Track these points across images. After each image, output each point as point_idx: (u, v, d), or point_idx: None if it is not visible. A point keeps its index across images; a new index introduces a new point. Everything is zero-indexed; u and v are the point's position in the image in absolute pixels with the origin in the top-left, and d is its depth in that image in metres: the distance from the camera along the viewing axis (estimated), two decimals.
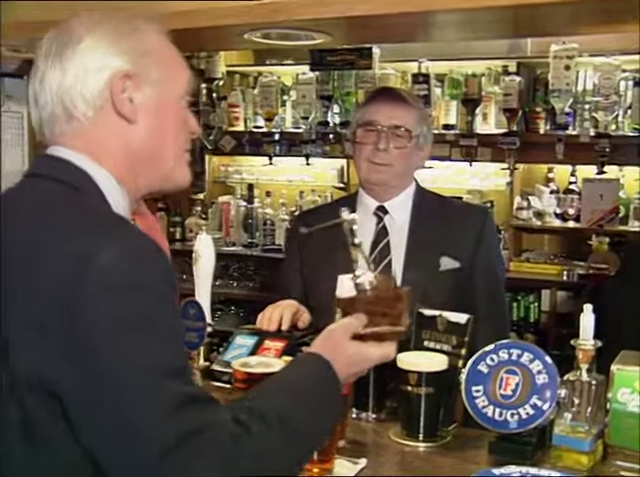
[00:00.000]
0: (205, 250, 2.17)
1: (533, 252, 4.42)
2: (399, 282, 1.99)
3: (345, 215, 1.42)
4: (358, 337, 1.36)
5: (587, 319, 1.57)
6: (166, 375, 1.07)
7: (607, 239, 4.04)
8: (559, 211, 4.32)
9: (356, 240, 1.43)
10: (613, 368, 1.55)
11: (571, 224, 4.28)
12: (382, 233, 2.26)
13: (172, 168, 1.31)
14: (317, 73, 4.47)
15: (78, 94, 1.22)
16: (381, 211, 2.29)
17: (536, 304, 4.21)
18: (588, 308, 1.57)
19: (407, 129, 2.22)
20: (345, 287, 1.47)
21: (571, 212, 4.26)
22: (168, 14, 1.89)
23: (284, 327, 2.10)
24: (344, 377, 1.32)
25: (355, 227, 1.42)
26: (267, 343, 2.08)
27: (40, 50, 1.25)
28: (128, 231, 1.16)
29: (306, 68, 4.41)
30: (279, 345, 2.05)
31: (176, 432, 1.03)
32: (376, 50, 4.24)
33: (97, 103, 1.22)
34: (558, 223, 4.34)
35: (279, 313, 2.11)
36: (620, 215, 4.09)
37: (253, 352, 2.06)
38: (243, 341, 2.12)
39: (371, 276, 1.43)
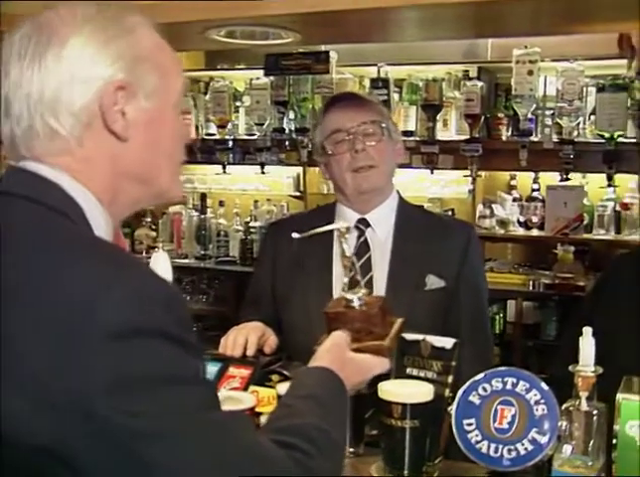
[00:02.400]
0: (162, 269, 2.01)
1: (496, 262, 4.35)
2: None
3: (340, 223, 1.41)
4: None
5: (587, 343, 1.44)
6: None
7: (572, 248, 3.98)
8: (522, 219, 4.26)
9: (347, 252, 1.39)
10: (619, 397, 1.42)
11: (535, 232, 4.22)
12: (363, 247, 2.13)
13: (168, 184, 1.17)
14: (271, 78, 4.34)
15: (62, 108, 1.05)
16: (362, 223, 2.15)
17: (501, 315, 4.14)
18: (588, 331, 1.44)
19: (376, 121, 2.11)
20: None
21: (535, 220, 4.20)
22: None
23: (250, 352, 1.95)
24: (351, 385, 1.36)
25: (348, 236, 1.40)
26: (232, 370, 1.92)
27: (10, 47, 1.07)
28: (137, 269, 1.01)
29: (260, 72, 4.29)
30: (245, 372, 1.90)
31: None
32: (332, 54, 4.12)
33: (84, 119, 1.06)
34: (521, 231, 4.28)
35: (244, 337, 1.96)
36: (585, 222, 4.04)
37: (217, 379, 1.91)
38: (207, 368, 1.96)
39: (361, 293, 1.43)
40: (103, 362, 0.91)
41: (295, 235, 1.64)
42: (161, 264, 1.99)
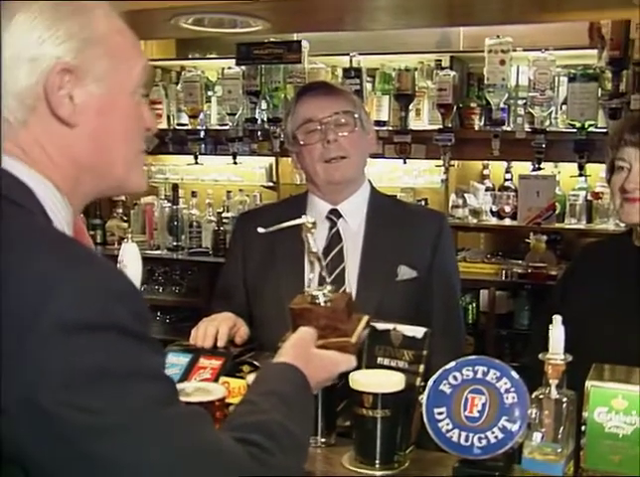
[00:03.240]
0: (131, 260, 1.99)
1: (469, 251, 4.36)
2: (354, 293, 1.89)
3: (306, 218, 1.39)
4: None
5: (557, 331, 1.45)
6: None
7: (545, 237, 4.00)
8: (494, 208, 4.27)
9: (313, 248, 1.38)
10: (588, 384, 1.43)
11: (508, 221, 4.23)
12: (335, 238, 2.12)
13: (124, 175, 1.12)
14: (243, 67, 4.32)
15: (6, 89, 1.00)
16: (334, 214, 2.14)
17: (474, 304, 4.15)
18: (557, 320, 1.45)
19: (348, 111, 2.10)
20: None
21: (507, 209, 4.21)
22: None
23: (220, 343, 1.94)
24: (316, 382, 1.34)
25: (314, 231, 1.38)
26: (202, 361, 1.91)
27: None
28: (92, 262, 0.98)
29: (232, 62, 4.26)
30: (216, 363, 1.89)
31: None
32: (305, 43, 4.12)
33: (29, 102, 1.01)
34: (494, 220, 4.29)
35: (215, 328, 1.95)
36: (557, 212, 4.06)
37: (188, 371, 1.90)
38: (176, 359, 1.95)
39: (326, 289, 1.42)
40: (54, 356, 0.89)
41: (261, 230, 1.61)
42: (130, 256, 1.97)
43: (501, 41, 3.80)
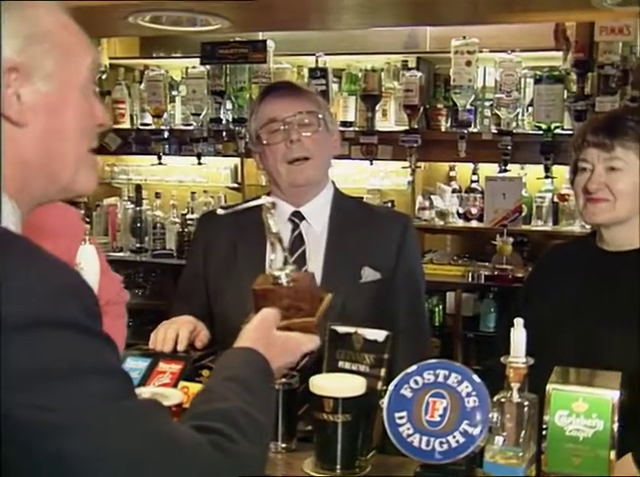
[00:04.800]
0: (88, 262, 1.97)
1: (436, 253, 4.38)
2: None
3: (265, 198, 1.40)
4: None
5: (519, 334, 1.45)
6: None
7: (511, 240, 4.03)
8: (461, 210, 4.30)
9: (274, 228, 1.39)
10: (549, 387, 1.44)
11: (474, 223, 4.26)
12: (297, 241, 2.10)
13: (74, 174, 1.09)
14: (208, 67, 4.30)
15: None
16: (296, 217, 2.13)
17: (440, 307, 4.17)
18: (519, 322, 1.45)
19: (312, 111, 2.09)
20: None
21: (474, 211, 4.24)
22: None
23: (180, 347, 1.92)
24: (278, 366, 1.33)
25: (274, 211, 1.40)
26: (162, 365, 1.89)
27: None
28: (42, 260, 0.96)
29: (196, 61, 4.24)
30: (175, 367, 1.87)
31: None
32: (270, 43, 4.11)
33: None
34: (460, 222, 4.32)
35: (175, 331, 1.93)
36: (523, 214, 4.09)
37: (146, 375, 1.87)
38: (135, 364, 1.92)
39: (288, 269, 1.43)
40: (6, 355, 0.88)
41: (220, 211, 1.61)
42: (87, 257, 1.94)
43: (467, 42, 3.83)
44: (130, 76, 4.78)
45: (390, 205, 4.33)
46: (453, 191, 4.35)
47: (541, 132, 3.82)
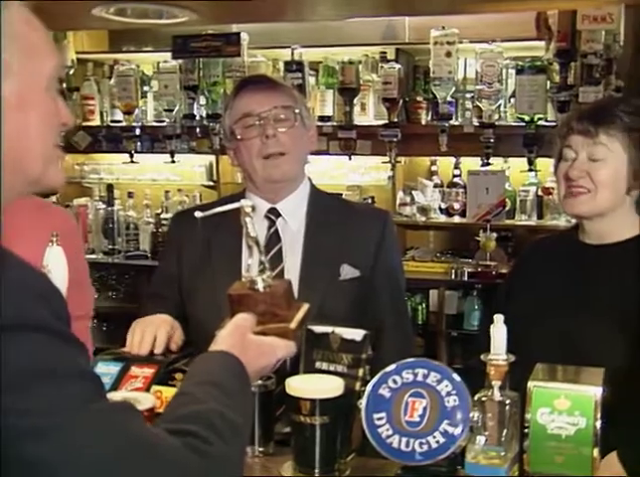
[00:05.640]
0: (56, 265, 1.96)
1: (418, 250, 4.39)
2: (295, 294, 1.90)
3: (245, 201, 1.44)
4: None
5: (499, 331, 1.46)
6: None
7: (495, 235, 4.04)
8: (443, 205, 4.31)
9: (252, 232, 1.43)
10: (530, 385, 1.45)
11: (457, 219, 4.28)
12: (273, 238, 2.12)
13: (42, 171, 1.12)
14: (180, 61, 4.28)
15: None
16: (272, 213, 2.14)
17: (423, 305, 4.18)
18: (499, 319, 1.47)
19: (288, 106, 2.11)
20: None
21: (457, 206, 4.25)
22: None
23: (158, 350, 1.92)
24: (254, 370, 1.35)
25: (253, 214, 1.44)
26: (134, 370, 1.89)
27: None
28: (9, 262, 0.99)
29: (168, 55, 4.23)
30: (148, 371, 1.87)
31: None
32: (244, 35, 4.11)
33: None
34: (443, 218, 4.33)
35: (152, 334, 1.93)
36: (507, 208, 4.11)
37: (118, 380, 1.87)
38: (107, 368, 1.92)
39: (265, 275, 1.47)
40: None
41: (198, 213, 1.61)
42: (55, 260, 1.93)
43: (447, 32, 3.84)
44: (99, 71, 4.75)
45: (370, 201, 4.33)
46: (435, 186, 4.36)
47: (523, 124, 3.83)
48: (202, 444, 1.09)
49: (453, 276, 4.08)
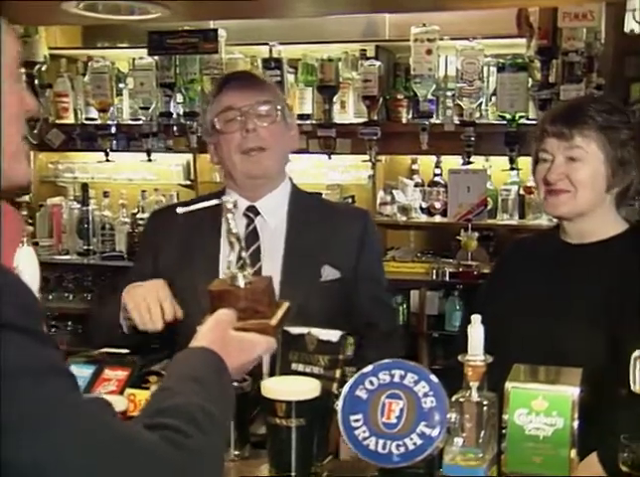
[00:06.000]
0: (27, 265, 1.95)
1: (399, 250, 4.41)
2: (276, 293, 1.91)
3: (227, 197, 1.50)
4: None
5: (476, 331, 1.47)
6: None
7: (476, 234, 4.06)
8: (424, 205, 4.33)
9: (234, 229, 1.46)
10: (508, 386, 1.46)
11: (438, 218, 4.30)
12: (251, 236, 2.12)
13: (7, 166, 1.12)
14: (156, 57, 4.27)
15: None
16: (251, 212, 2.15)
17: (404, 306, 4.19)
18: (476, 319, 1.47)
19: (270, 101, 2.13)
20: None
21: (438, 206, 4.27)
22: None
23: (169, 318, 1.91)
24: (235, 366, 1.37)
25: (234, 211, 1.48)
26: (107, 372, 1.89)
27: None
28: None
29: (144, 52, 4.20)
30: (121, 374, 1.87)
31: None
32: (221, 32, 4.09)
33: None
34: (424, 218, 4.35)
35: (157, 306, 1.90)
36: (488, 207, 4.13)
37: (91, 383, 1.87)
38: (79, 371, 1.91)
39: (245, 271, 1.49)
40: None
41: (180, 209, 1.67)
42: (26, 260, 1.92)
43: (427, 29, 3.85)
44: (73, 67, 4.72)
45: (350, 200, 4.35)
46: (416, 185, 4.38)
47: (505, 122, 3.85)
48: (180, 437, 1.10)
49: (434, 277, 4.09)
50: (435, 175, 4.37)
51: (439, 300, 4.15)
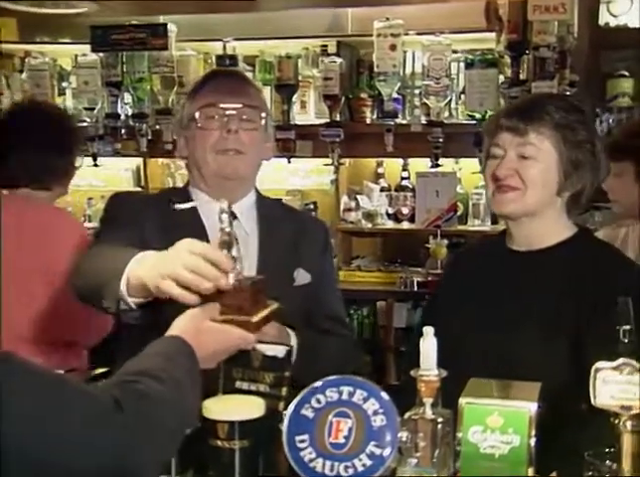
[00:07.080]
0: None
1: (364, 259, 4.43)
2: None
3: (222, 200, 1.62)
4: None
5: (428, 345, 1.49)
6: None
7: (446, 241, 4.09)
8: (391, 211, 4.35)
9: (228, 228, 1.59)
10: (462, 402, 1.47)
11: (406, 225, 4.32)
12: None
13: None
14: (101, 54, 4.24)
15: None
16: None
17: (370, 318, 4.20)
18: (428, 332, 1.49)
19: (257, 107, 2.19)
20: None
21: (405, 211, 4.30)
22: None
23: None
24: (206, 354, 1.50)
25: (228, 211, 1.62)
26: None
27: None
28: None
29: (87, 48, 4.17)
30: None
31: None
32: (172, 27, 4.09)
33: None
34: (390, 224, 4.37)
35: (201, 259, 1.79)
36: (459, 213, 4.16)
37: None
38: None
39: (236, 270, 1.60)
40: None
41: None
42: None
43: (391, 24, 3.87)
44: (9, 63, 4.67)
45: (312, 206, 4.37)
46: (381, 189, 4.40)
47: (474, 122, 3.86)
48: (142, 387, 1.24)
49: (402, 287, 4.11)
50: (402, 179, 4.40)
51: (407, 312, 4.16)
